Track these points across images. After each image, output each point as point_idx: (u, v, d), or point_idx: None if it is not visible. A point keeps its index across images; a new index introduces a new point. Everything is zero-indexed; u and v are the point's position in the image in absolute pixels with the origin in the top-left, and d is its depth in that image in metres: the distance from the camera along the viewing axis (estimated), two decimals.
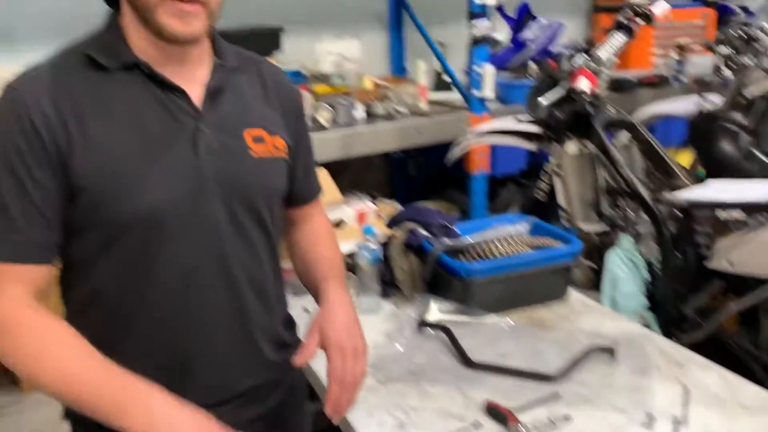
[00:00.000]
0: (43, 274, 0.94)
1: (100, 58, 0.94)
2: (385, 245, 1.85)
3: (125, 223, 0.93)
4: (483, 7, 3.11)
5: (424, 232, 1.83)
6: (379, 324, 1.66)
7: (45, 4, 3.01)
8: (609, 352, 1.45)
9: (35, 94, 0.90)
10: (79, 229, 0.94)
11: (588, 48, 2.24)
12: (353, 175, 3.97)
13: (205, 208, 0.98)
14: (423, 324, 1.60)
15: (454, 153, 2.81)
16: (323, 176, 2.32)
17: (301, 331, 1.23)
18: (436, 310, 1.67)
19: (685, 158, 2.79)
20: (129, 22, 0.96)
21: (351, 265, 1.83)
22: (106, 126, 0.92)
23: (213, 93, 1.01)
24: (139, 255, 0.95)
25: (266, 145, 1.04)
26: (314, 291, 1.20)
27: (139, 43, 0.96)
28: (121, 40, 0.96)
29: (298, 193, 1.20)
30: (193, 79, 1.00)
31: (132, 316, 0.98)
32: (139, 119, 0.95)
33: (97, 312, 0.98)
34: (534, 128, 2.44)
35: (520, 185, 3.73)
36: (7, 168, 0.89)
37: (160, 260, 0.96)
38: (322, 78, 3.42)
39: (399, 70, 4.02)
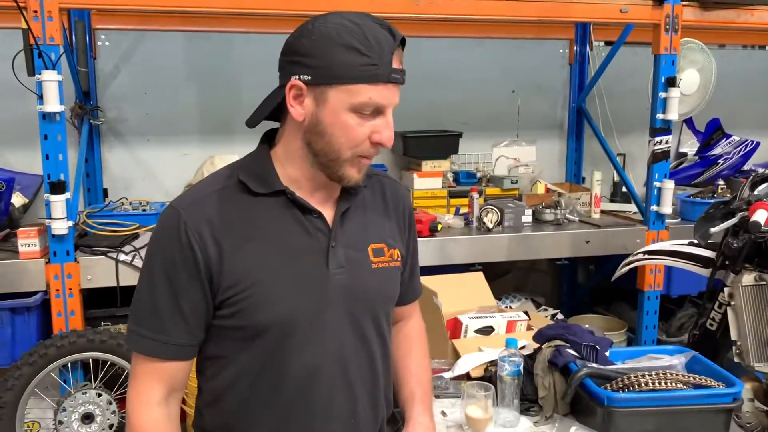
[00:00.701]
0: (181, 369, 1.12)
1: (252, 185, 1.11)
2: (531, 358, 1.84)
3: (263, 327, 1.08)
4: (666, 122, 3.06)
5: (572, 352, 1.80)
6: None
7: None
8: None
9: (195, 216, 1.08)
10: (221, 329, 1.10)
11: None
12: (517, 278, 3.96)
13: (332, 315, 1.12)
14: None
15: (620, 270, 2.72)
16: (479, 279, 2.39)
17: None
18: None
19: None
20: (289, 156, 1.12)
21: (492, 374, 1.85)
22: (254, 244, 1.09)
23: (343, 213, 1.15)
24: (272, 354, 1.10)
25: (385, 257, 1.18)
26: (400, 403, 1.32)
27: (293, 173, 1.13)
28: (272, 170, 1.13)
29: (403, 293, 1.31)
30: (329, 199, 1.16)
31: (261, 408, 1.12)
32: (281, 238, 1.11)
33: (231, 401, 1.13)
34: (708, 253, 2.30)
35: (699, 307, 3.47)
36: (165, 276, 1.07)
37: (289, 359, 1.10)
38: (494, 180, 3.52)
39: (575, 177, 4.01)
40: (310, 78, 1.04)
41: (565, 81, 3.95)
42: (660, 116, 3.03)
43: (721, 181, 3.57)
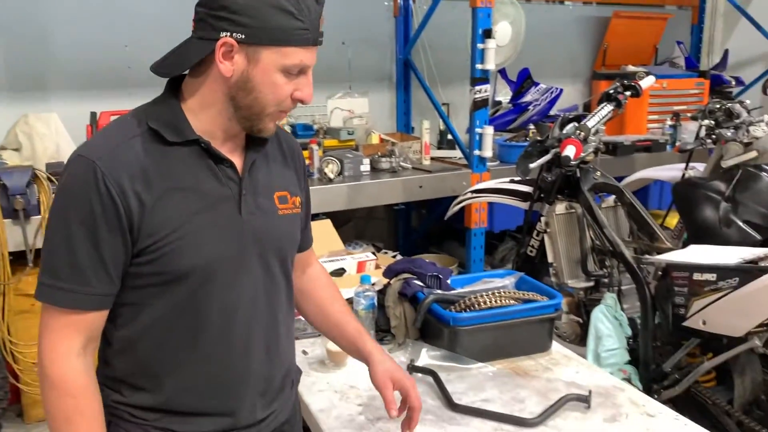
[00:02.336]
0: (100, 318, 1.11)
1: (166, 134, 1.11)
2: (381, 293, 1.98)
3: (184, 273, 1.10)
4: (484, 72, 3.31)
5: (419, 283, 1.96)
6: None
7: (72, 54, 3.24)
8: (584, 401, 1.56)
9: (112, 167, 1.05)
10: (137, 276, 1.10)
11: (578, 117, 2.42)
12: (358, 226, 4.13)
13: (245, 261, 1.16)
14: (412, 368, 1.72)
15: (452, 209, 2.96)
16: (327, 226, 2.49)
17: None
18: (426, 356, 1.78)
19: (675, 220, 2.93)
20: (201, 107, 1.13)
21: None
22: (172, 193, 1.09)
23: (251, 163, 1.19)
24: (190, 299, 1.12)
25: (288, 204, 1.25)
26: (346, 344, 1.46)
27: (207, 124, 1.13)
28: (185, 119, 1.13)
29: (302, 241, 1.39)
30: (237, 149, 1.19)
31: (179, 352, 1.14)
32: (197, 187, 1.12)
33: (146, 347, 1.14)
34: (526, 188, 2.59)
35: (517, 240, 3.88)
36: (83, 228, 1.05)
37: (209, 303, 1.13)
38: (331, 132, 3.61)
39: (405, 127, 4.22)
40: (243, 37, 1.05)
41: (391, 33, 4.11)
42: (479, 66, 3.28)
43: (531, 126, 3.96)
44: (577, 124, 2.32)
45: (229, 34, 1.06)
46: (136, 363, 1.14)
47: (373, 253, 2.34)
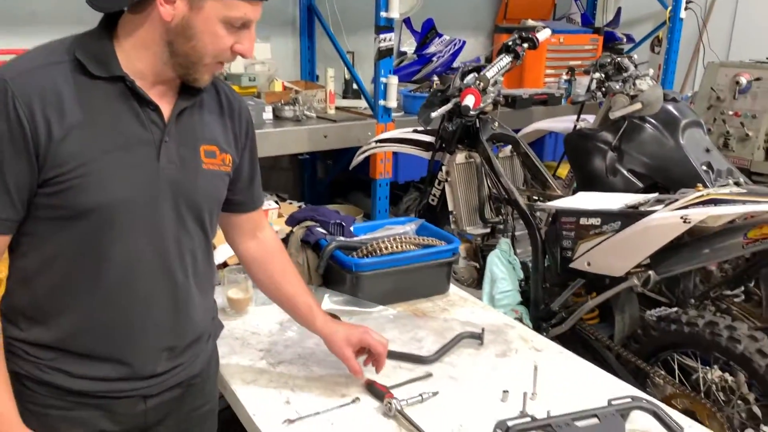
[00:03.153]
0: (2, 242, 1.07)
1: (91, 66, 1.05)
2: (284, 241, 1.98)
3: (85, 210, 1.06)
4: (389, 20, 3.29)
5: (321, 230, 1.98)
6: (275, 315, 1.78)
7: None
8: (477, 338, 1.65)
9: (25, 89, 1.00)
10: (41, 207, 1.05)
11: (478, 68, 2.47)
12: (262, 176, 4.06)
13: (156, 209, 1.12)
14: None
15: (356, 159, 2.97)
16: None
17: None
18: (329, 301, 1.81)
19: (567, 171, 3.08)
20: (135, 48, 1.08)
21: None
22: (86, 127, 1.04)
23: (180, 110, 1.14)
24: (92, 238, 1.08)
25: (216, 160, 1.20)
26: (297, 319, 1.49)
27: (138, 65, 1.08)
28: (114, 55, 1.07)
29: (246, 201, 1.37)
30: (168, 95, 1.14)
31: (78, 291, 1.11)
32: (114, 125, 1.07)
33: (45, 281, 1.10)
34: (428, 138, 2.64)
35: (421, 191, 3.95)
36: None
37: (109, 247, 1.09)
38: (232, 78, 3.50)
39: (309, 75, 4.15)
40: None
41: None
42: (383, 14, 3.25)
43: (435, 77, 4.00)
44: (477, 75, 2.37)
45: None
46: (33, 296, 1.11)
47: (276, 202, 2.32)
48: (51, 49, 1.08)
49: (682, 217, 1.83)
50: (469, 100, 2.22)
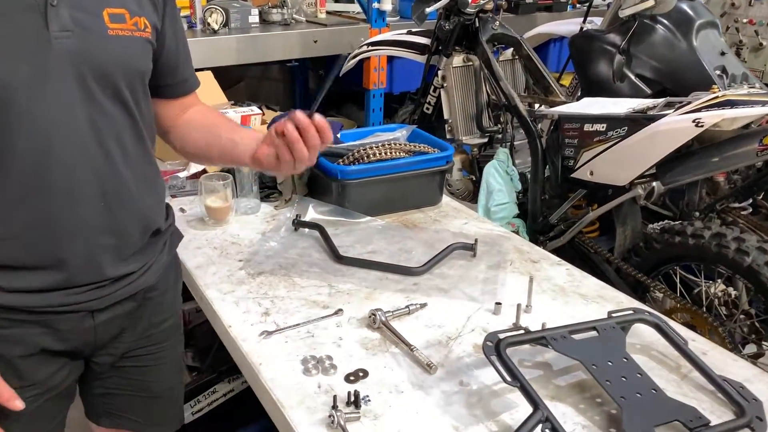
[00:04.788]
0: None
1: None
2: None
3: None
4: None
5: None
6: (257, 225, 1.69)
7: None
8: (470, 249, 1.55)
9: None
10: None
11: None
12: (250, 87, 3.89)
13: (56, 85, 0.95)
14: (298, 223, 1.64)
15: (348, 64, 2.80)
16: (208, 78, 2.28)
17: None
18: (313, 212, 1.71)
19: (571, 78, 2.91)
20: None
21: (230, 168, 1.83)
22: None
23: None
24: None
25: (127, 24, 1.01)
26: (229, 150, 1.22)
27: None
28: None
29: (176, 83, 1.20)
30: None
31: None
32: None
33: None
34: (424, 40, 2.46)
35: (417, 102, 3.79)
36: None
37: (12, 137, 0.94)
38: None
39: None
40: None
41: None
42: None
43: None
44: None
45: None
46: None
47: (259, 107, 2.18)
48: None
49: (694, 121, 1.70)
50: None
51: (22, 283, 1.00)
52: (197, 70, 1.32)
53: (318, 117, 1.08)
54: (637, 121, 1.83)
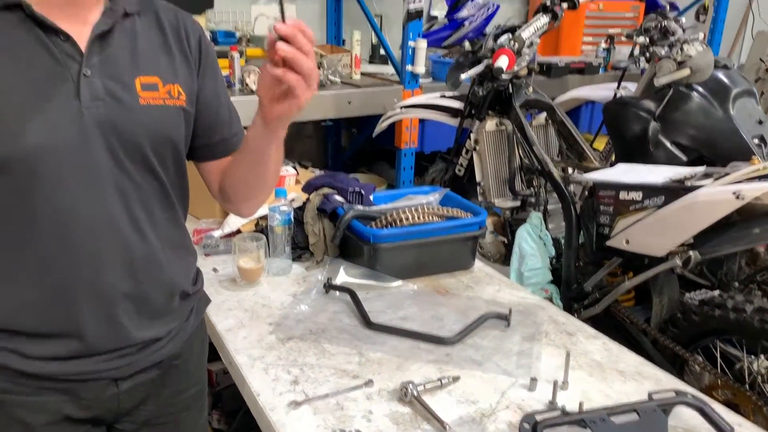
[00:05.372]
0: None
1: None
2: (301, 209, 1.87)
3: (2, 165, 0.91)
4: None
5: (339, 198, 1.85)
6: (288, 286, 1.68)
7: None
8: (504, 319, 1.52)
9: None
10: None
11: (513, 28, 2.30)
12: (285, 143, 3.94)
13: (86, 156, 0.96)
14: (329, 286, 1.63)
15: (381, 125, 2.83)
16: None
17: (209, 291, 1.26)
18: (344, 274, 1.70)
19: (604, 142, 2.90)
20: None
21: (263, 227, 1.85)
22: None
23: (101, 37, 0.98)
24: (17, 197, 0.94)
25: (159, 92, 1.02)
26: (248, 151, 1.14)
27: None
28: None
29: (227, 138, 1.17)
30: (84, 22, 0.97)
31: (11, 259, 0.97)
32: (21, 62, 0.92)
33: None
34: (456, 104, 2.48)
35: (448, 162, 3.81)
36: None
37: (38, 204, 0.95)
38: (255, 40, 3.37)
39: (335, 39, 4.00)
40: None
41: None
42: None
43: (466, 43, 3.81)
44: (511, 35, 2.20)
45: None
46: None
47: (294, 168, 2.20)
48: None
49: (734, 193, 1.66)
50: (503, 62, 2.06)
51: (44, 350, 1.00)
52: None
53: (290, 20, 0.93)
54: (674, 191, 1.81)
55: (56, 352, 1.00)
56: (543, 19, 2.25)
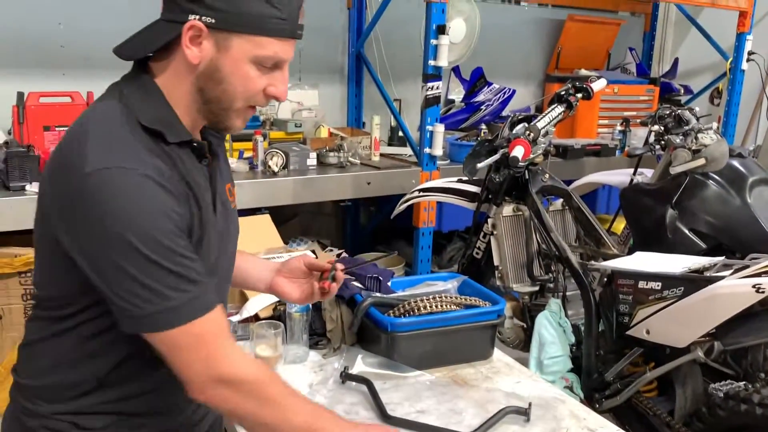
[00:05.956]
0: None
1: (169, 136, 1.01)
2: None
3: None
4: (437, 69, 3.23)
5: (357, 284, 1.87)
6: (305, 374, 1.67)
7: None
8: (524, 413, 1.49)
9: (156, 173, 0.96)
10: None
11: (529, 117, 2.36)
12: (304, 222, 4.01)
13: (220, 265, 1.14)
14: (346, 376, 1.62)
15: (399, 207, 2.88)
16: (266, 222, 2.37)
17: None
18: (362, 363, 1.69)
19: (622, 226, 2.91)
20: (183, 101, 1.04)
21: (281, 312, 1.85)
22: (192, 199, 1.04)
23: (213, 156, 1.13)
24: None
25: (233, 197, 1.21)
26: (242, 279, 1.40)
27: (185, 120, 1.06)
28: (178, 118, 1.04)
29: None
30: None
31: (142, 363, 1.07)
32: (198, 189, 1.05)
33: (111, 357, 1.07)
34: (474, 189, 2.52)
35: (466, 241, 3.82)
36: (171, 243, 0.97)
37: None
38: (278, 123, 3.48)
39: (356, 122, 4.12)
40: (214, 21, 0.97)
41: (344, 25, 3.99)
42: (431, 62, 3.20)
43: (483, 126, 3.91)
44: (527, 125, 2.26)
45: (198, 17, 0.97)
46: (94, 371, 1.07)
47: (313, 252, 2.23)
48: (117, 125, 0.99)
49: (754, 286, 1.65)
50: (518, 152, 2.11)
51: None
52: (256, 209, 1.49)
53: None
54: (694, 282, 1.80)
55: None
56: (558, 109, 2.31)
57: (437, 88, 3.26)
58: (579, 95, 2.39)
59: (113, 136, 0.97)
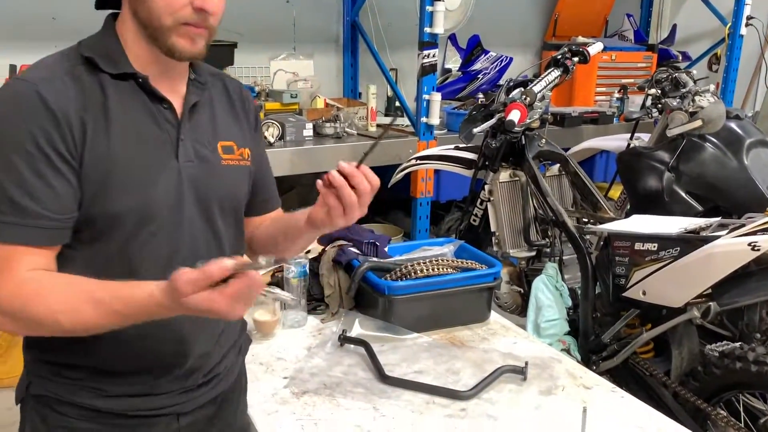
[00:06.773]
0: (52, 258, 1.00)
1: (102, 64, 1.01)
2: (316, 261, 1.89)
3: (117, 218, 1.00)
4: (433, 36, 3.20)
5: (354, 250, 1.87)
6: (303, 338, 1.69)
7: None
8: (520, 372, 1.51)
9: (57, 93, 0.96)
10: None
11: (525, 82, 2.34)
12: (301, 194, 4.00)
13: (183, 209, 1.07)
14: (344, 339, 1.63)
15: (396, 176, 2.87)
16: None
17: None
18: (359, 327, 1.70)
19: (619, 192, 2.91)
20: (130, 34, 1.03)
21: (279, 279, 1.86)
22: (109, 131, 1.00)
23: (191, 106, 1.09)
24: (121, 247, 1.02)
25: (235, 155, 1.15)
26: (288, 227, 1.23)
27: (140, 55, 1.04)
28: (121, 50, 1.03)
29: (264, 200, 1.29)
30: (176, 91, 1.08)
31: None
32: (132, 126, 1.02)
33: None
34: (471, 155, 2.52)
35: (464, 211, 3.82)
36: (33, 155, 0.94)
37: (141, 252, 1.03)
38: (274, 95, 3.46)
39: (351, 92, 4.09)
40: None
41: None
42: (427, 29, 3.17)
43: (480, 95, 3.88)
44: (523, 89, 2.24)
45: None
46: None
47: None
48: (60, 56, 1.03)
49: (750, 244, 1.66)
50: (514, 116, 2.09)
51: (126, 388, 1.07)
52: None
53: (363, 166, 1.09)
54: (690, 242, 1.80)
55: (139, 390, 1.08)
56: (554, 73, 2.30)
57: (433, 56, 3.23)
58: (575, 59, 2.37)
59: (45, 60, 1.02)
